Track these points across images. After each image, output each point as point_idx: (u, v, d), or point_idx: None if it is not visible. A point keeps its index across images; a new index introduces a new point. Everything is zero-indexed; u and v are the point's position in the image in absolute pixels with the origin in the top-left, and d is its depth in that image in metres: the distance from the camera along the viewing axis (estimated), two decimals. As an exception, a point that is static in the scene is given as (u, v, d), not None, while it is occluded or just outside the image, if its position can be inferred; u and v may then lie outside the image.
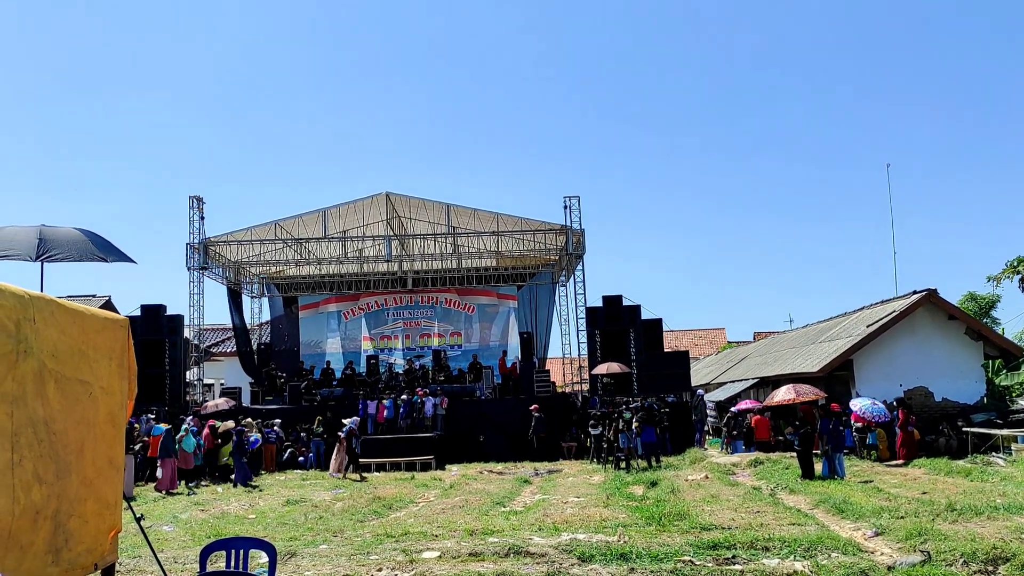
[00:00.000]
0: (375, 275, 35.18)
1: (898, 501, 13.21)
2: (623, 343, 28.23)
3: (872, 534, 10.56)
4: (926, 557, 8.93)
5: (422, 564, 9.34)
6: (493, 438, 26.35)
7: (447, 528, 12.03)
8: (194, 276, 30.42)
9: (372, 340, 34.56)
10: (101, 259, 8.79)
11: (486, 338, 34.30)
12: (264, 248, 32.03)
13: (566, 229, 30.28)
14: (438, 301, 34.71)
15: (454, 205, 30.57)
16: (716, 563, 9.10)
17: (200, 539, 11.12)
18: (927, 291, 23.20)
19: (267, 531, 12.31)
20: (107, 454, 5.14)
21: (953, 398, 22.79)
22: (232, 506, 15.88)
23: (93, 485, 4.95)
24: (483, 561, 9.41)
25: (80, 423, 4.77)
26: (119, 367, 5.28)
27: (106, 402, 5.08)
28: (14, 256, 8.59)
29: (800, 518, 12.12)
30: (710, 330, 62.28)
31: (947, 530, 10.26)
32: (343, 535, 11.89)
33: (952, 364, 22.99)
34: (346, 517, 13.89)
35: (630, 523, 12.06)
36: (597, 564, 9.17)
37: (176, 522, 13.73)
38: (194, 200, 30.51)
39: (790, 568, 8.74)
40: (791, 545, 9.67)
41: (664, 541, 10.26)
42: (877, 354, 23.05)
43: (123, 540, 7.90)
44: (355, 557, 9.88)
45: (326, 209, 30.56)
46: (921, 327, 23.26)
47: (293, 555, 10.01)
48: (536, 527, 11.87)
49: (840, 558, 9.08)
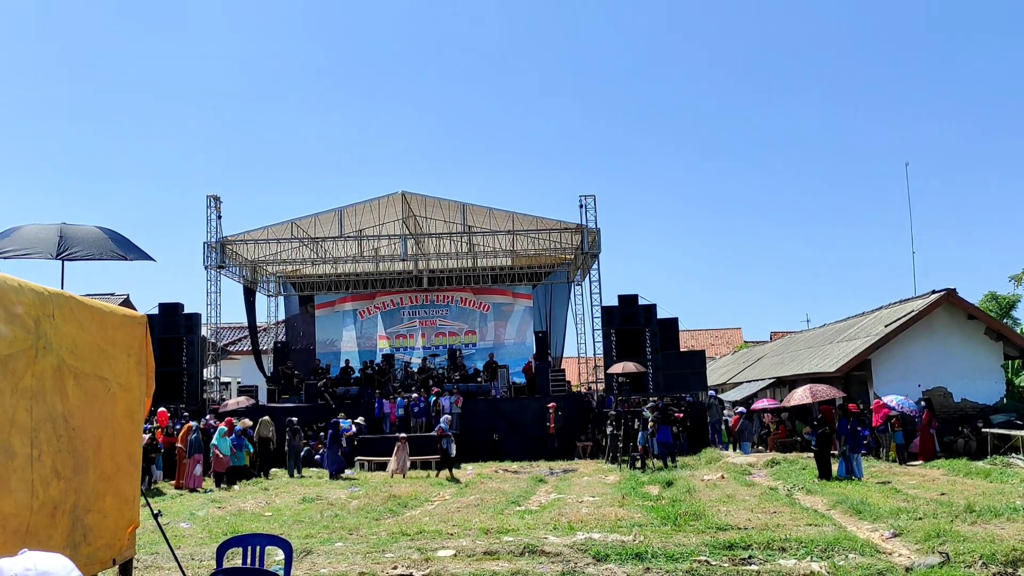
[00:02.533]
0: (391, 274, 35.26)
1: (916, 502, 13.10)
2: (639, 342, 28.15)
3: (890, 535, 10.49)
4: (945, 559, 8.85)
5: (437, 562, 9.35)
6: (508, 437, 26.36)
7: (462, 527, 12.04)
8: (211, 275, 30.60)
9: (388, 339, 34.65)
10: (121, 257, 8.84)
11: (501, 337, 34.31)
12: (280, 247, 32.17)
13: (582, 228, 30.24)
14: (453, 300, 34.76)
15: (469, 204, 30.60)
16: (732, 563, 9.06)
17: (217, 536, 11.18)
18: (946, 291, 22.99)
19: (283, 529, 12.36)
20: (126, 450, 5.18)
21: (972, 399, 22.57)
22: (248, 504, 15.97)
23: (112, 480, 4.99)
24: (498, 560, 9.42)
25: (98, 419, 4.80)
26: (137, 363, 5.32)
27: (124, 398, 5.12)
28: (35, 255, 8.65)
29: (817, 519, 12.05)
30: (726, 330, 62.04)
31: (966, 531, 10.17)
32: (359, 533, 11.93)
33: (971, 364, 22.77)
34: (362, 515, 13.93)
35: (645, 523, 12.03)
36: (612, 564, 9.15)
37: (193, 519, 13.82)
38: (211, 199, 30.68)
39: (807, 569, 8.69)
40: (808, 546, 9.61)
41: (680, 541, 10.22)
42: (895, 354, 22.87)
43: (140, 537, 7.94)
44: (371, 555, 9.91)
45: (342, 208, 30.67)
46: (940, 327, 23.06)
47: (309, 552, 10.05)
48: (551, 526, 11.86)
49: (857, 559, 9.02)
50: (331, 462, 20.96)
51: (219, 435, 20.15)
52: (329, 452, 21.25)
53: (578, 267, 33.38)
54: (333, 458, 21.02)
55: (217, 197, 30.77)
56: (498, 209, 30.52)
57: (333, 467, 21.04)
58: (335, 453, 21.17)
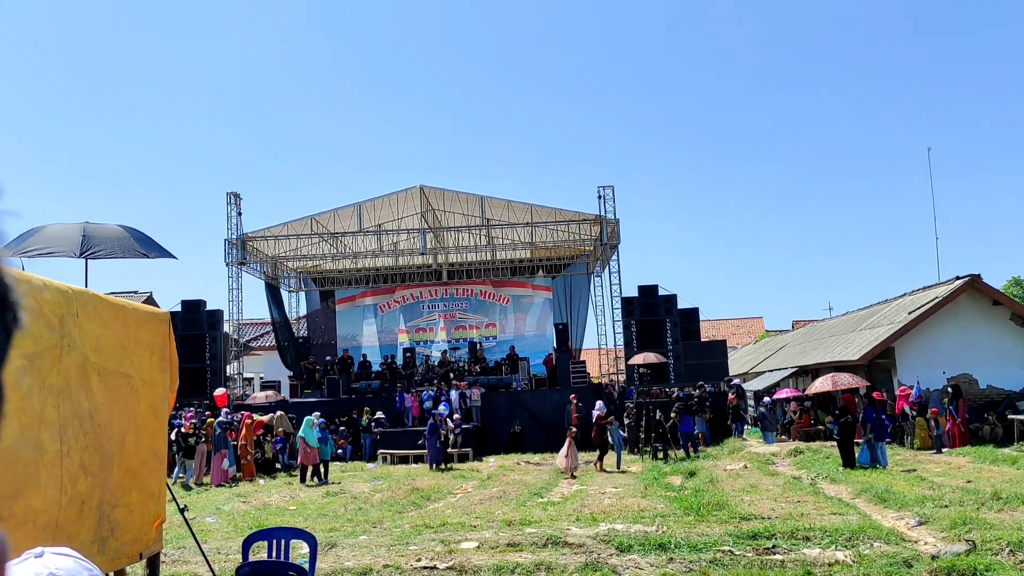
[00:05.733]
0: (410, 268, 35.34)
1: (942, 490, 12.99)
2: (659, 333, 28.06)
3: (915, 523, 10.40)
4: (971, 546, 8.77)
5: (461, 554, 9.38)
6: (530, 429, 26.38)
7: (485, 519, 12.08)
8: (232, 271, 30.81)
9: (408, 332, 34.74)
10: (143, 255, 8.93)
11: (521, 329, 34.32)
12: (301, 243, 32.31)
13: (600, 219, 30.15)
14: (473, 293, 34.80)
15: (488, 197, 30.60)
16: (756, 553, 9.03)
17: (242, 530, 11.28)
18: (971, 276, 22.73)
19: (307, 522, 12.45)
20: (150, 445, 5.24)
21: (998, 385, 22.32)
22: (273, 498, 16.10)
23: (138, 476, 5.05)
24: (521, 551, 9.44)
25: (123, 415, 4.86)
26: (160, 360, 5.38)
27: (148, 394, 5.18)
28: (59, 253, 8.77)
29: (841, 507, 11.98)
30: (748, 319, 61.72)
31: (992, 519, 10.08)
32: (382, 526, 12.00)
33: (997, 351, 22.50)
34: (385, 508, 14.01)
35: (668, 513, 12.01)
36: (635, 554, 9.14)
37: (218, 513, 13.95)
38: (232, 196, 30.86)
39: (832, 558, 8.65)
40: (832, 535, 9.56)
41: (703, 531, 10.20)
42: (919, 341, 22.65)
43: (167, 531, 8.03)
44: (394, 547, 9.96)
45: (361, 203, 30.75)
46: (965, 313, 22.80)
47: (333, 546, 10.12)
48: (574, 518, 11.87)
49: (883, 547, 8.96)
50: (431, 453, 20.89)
51: (306, 427, 19.23)
52: (428, 443, 21.11)
53: (597, 258, 33.30)
54: (432, 449, 20.93)
55: (237, 194, 30.95)
56: (516, 201, 30.50)
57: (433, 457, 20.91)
58: (434, 445, 21.01)
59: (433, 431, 20.85)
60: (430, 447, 20.89)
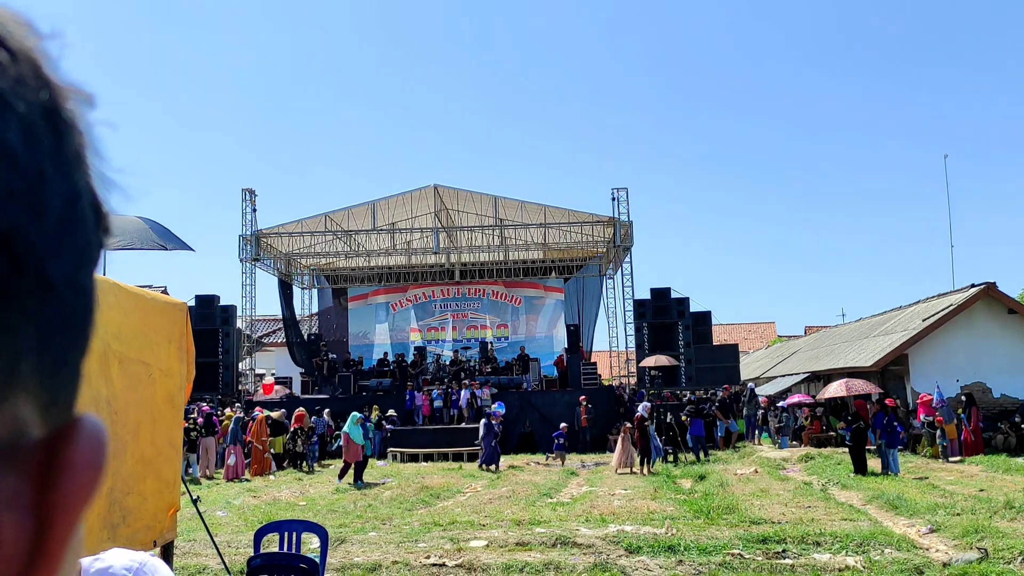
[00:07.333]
0: (423, 267, 35.38)
1: (954, 498, 12.92)
2: (671, 336, 28.00)
3: (927, 531, 10.35)
4: (983, 555, 8.73)
5: (470, 552, 9.40)
6: (540, 430, 26.37)
7: (494, 518, 12.09)
8: (246, 267, 30.93)
9: (420, 331, 34.79)
10: (161, 247, 9.00)
11: (532, 330, 34.32)
12: (314, 240, 32.41)
13: (614, 221, 30.12)
14: (485, 293, 34.81)
15: (501, 197, 30.61)
16: (766, 557, 9.01)
17: (253, 524, 11.33)
18: (986, 284, 22.58)
19: (317, 518, 12.47)
20: (166, 434, 5.27)
21: (1012, 394, 22.16)
22: (283, 493, 16.16)
23: (152, 464, 5.08)
24: (530, 551, 9.45)
25: (139, 403, 4.89)
26: (178, 350, 5.41)
27: (165, 384, 5.21)
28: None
29: (852, 513, 11.93)
30: (760, 324, 61.54)
31: (1005, 528, 10.02)
32: (392, 523, 12.03)
33: (1012, 359, 22.34)
34: (394, 505, 14.05)
35: (678, 516, 11.99)
36: (645, 556, 9.14)
37: (229, 508, 14.02)
38: (247, 192, 30.99)
39: (842, 563, 8.62)
40: (843, 540, 9.52)
41: (712, 534, 10.18)
42: (933, 348, 22.51)
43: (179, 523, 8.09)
44: (404, 544, 9.99)
45: (375, 201, 30.81)
46: (979, 321, 22.65)
47: (343, 541, 10.15)
48: (583, 518, 11.87)
49: (894, 554, 8.92)
50: (485, 453, 20.70)
51: (351, 423, 18.36)
52: (484, 443, 20.96)
53: (610, 260, 33.26)
54: (488, 449, 20.76)
55: (252, 191, 31.08)
56: (530, 202, 30.50)
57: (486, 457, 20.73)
58: (490, 444, 20.83)
59: (488, 430, 20.75)
60: (485, 446, 20.74)
